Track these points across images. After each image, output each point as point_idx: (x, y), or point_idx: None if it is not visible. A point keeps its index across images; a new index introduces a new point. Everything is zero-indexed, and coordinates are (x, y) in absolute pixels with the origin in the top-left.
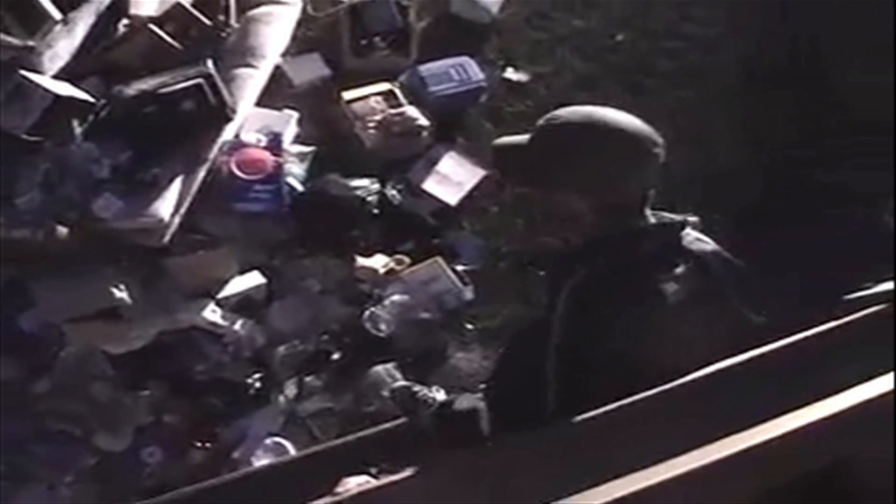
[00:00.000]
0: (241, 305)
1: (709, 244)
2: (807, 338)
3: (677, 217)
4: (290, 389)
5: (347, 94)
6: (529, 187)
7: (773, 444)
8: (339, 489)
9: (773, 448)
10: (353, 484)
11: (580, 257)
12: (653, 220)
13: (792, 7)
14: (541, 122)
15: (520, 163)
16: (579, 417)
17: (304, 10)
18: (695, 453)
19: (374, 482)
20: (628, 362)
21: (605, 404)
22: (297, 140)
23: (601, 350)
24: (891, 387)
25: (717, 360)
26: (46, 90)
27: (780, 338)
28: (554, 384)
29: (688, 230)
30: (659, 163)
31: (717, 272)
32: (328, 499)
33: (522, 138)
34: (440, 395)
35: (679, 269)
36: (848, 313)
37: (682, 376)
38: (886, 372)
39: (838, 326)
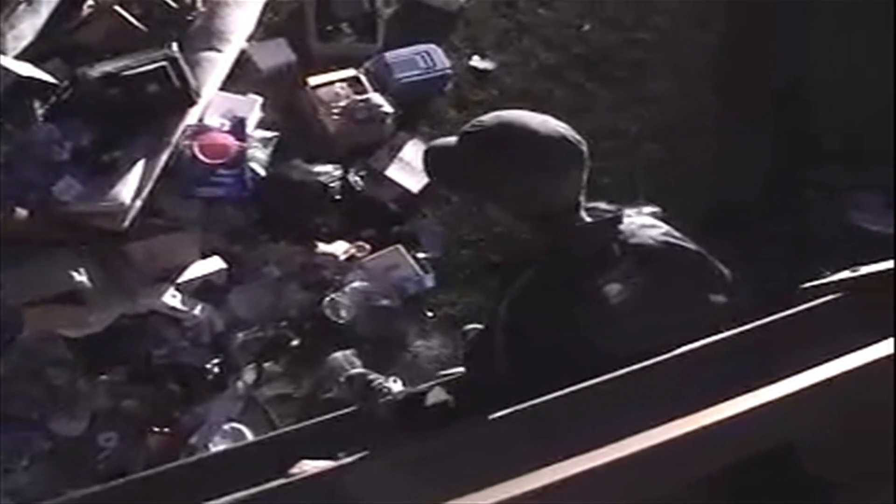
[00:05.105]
0: (202, 290)
1: (655, 229)
2: (760, 326)
3: (611, 212)
4: (249, 375)
5: (313, 80)
6: (457, 194)
7: (715, 427)
8: (295, 470)
9: (714, 432)
10: (310, 467)
11: (517, 266)
12: (588, 219)
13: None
14: (465, 127)
15: (447, 168)
16: (530, 403)
17: None
18: (640, 436)
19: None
20: (580, 366)
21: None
22: (261, 125)
23: (545, 360)
24: (838, 371)
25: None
26: (8, 70)
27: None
28: (504, 393)
29: (628, 221)
30: (583, 165)
31: (662, 261)
32: (281, 480)
33: (451, 141)
34: (396, 386)
35: (620, 266)
36: (805, 301)
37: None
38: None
39: (793, 314)
